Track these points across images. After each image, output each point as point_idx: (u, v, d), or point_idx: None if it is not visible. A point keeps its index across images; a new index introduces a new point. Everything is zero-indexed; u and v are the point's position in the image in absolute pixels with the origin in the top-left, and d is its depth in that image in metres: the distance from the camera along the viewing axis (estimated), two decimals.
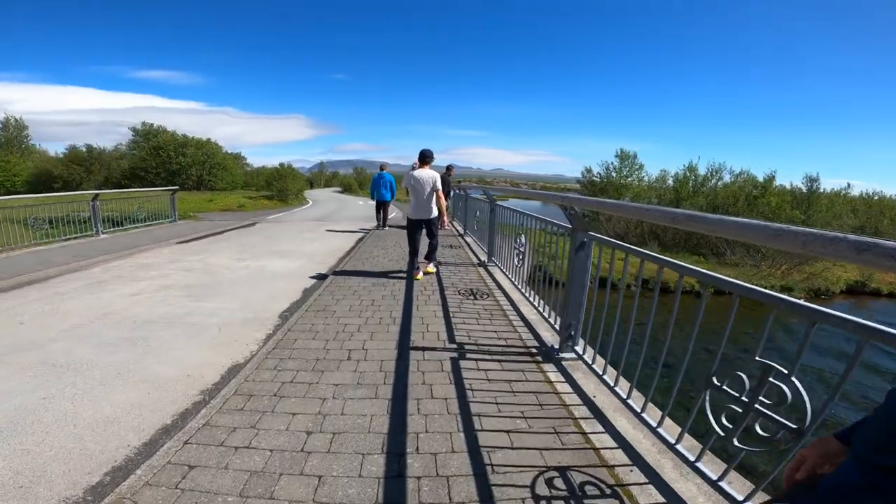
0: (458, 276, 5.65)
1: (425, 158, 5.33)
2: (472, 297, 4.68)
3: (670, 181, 21.64)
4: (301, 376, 2.74)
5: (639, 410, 2.19)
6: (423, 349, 3.21)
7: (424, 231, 5.51)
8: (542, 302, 3.91)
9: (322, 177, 79.82)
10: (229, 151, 49.53)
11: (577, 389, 2.65)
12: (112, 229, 9.69)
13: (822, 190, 22.28)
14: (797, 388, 1.37)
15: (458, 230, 10.57)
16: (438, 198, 5.34)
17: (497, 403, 2.44)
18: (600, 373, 2.62)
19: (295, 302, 4.76)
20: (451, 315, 4.04)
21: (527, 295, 4.37)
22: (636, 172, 21.63)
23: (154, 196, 11.68)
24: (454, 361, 3.01)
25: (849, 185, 21.94)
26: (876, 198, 26.42)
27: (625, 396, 2.33)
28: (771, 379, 1.43)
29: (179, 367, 3.07)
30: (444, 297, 4.62)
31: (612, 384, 2.47)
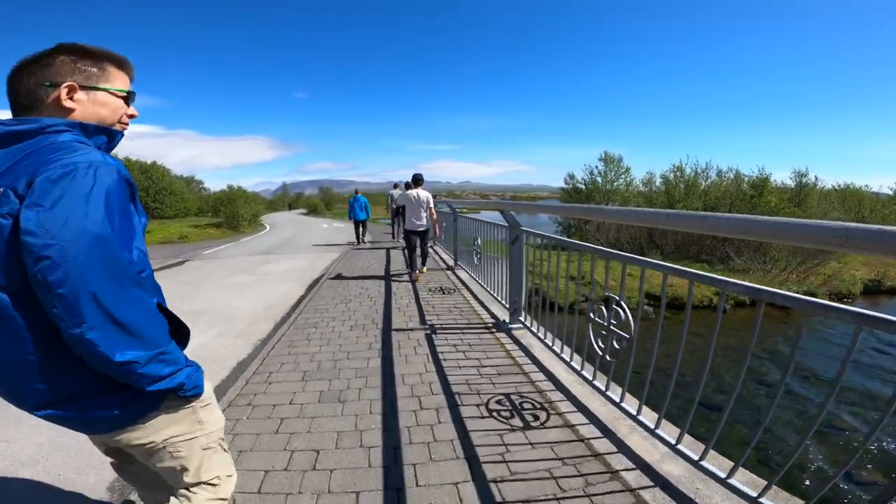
0: (428, 278, 6.86)
1: (417, 181, 6.86)
2: (441, 293, 5.82)
3: (658, 182, 21.13)
4: None
5: (559, 352, 3.30)
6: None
7: (419, 240, 6.89)
8: (498, 289, 4.92)
9: (286, 199, 78.18)
10: (183, 175, 47.68)
11: (521, 347, 3.71)
12: None
13: (812, 185, 22.17)
14: (624, 308, 2.36)
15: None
16: (431, 213, 6.82)
17: (458, 360, 3.50)
18: (538, 333, 3.68)
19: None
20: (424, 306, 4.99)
21: (483, 285, 5.60)
22: (623, 176, 21.09)
23: None
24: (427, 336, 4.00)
25: (816, 178, 21.99)
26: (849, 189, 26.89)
27: (559, 350, 3.31)
28: (614, 306, 2.42)
29: None
30: (416, 293, 5.61)
31: (546, 341, 3.51)
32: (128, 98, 1.13)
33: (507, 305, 4.30)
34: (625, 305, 2.35)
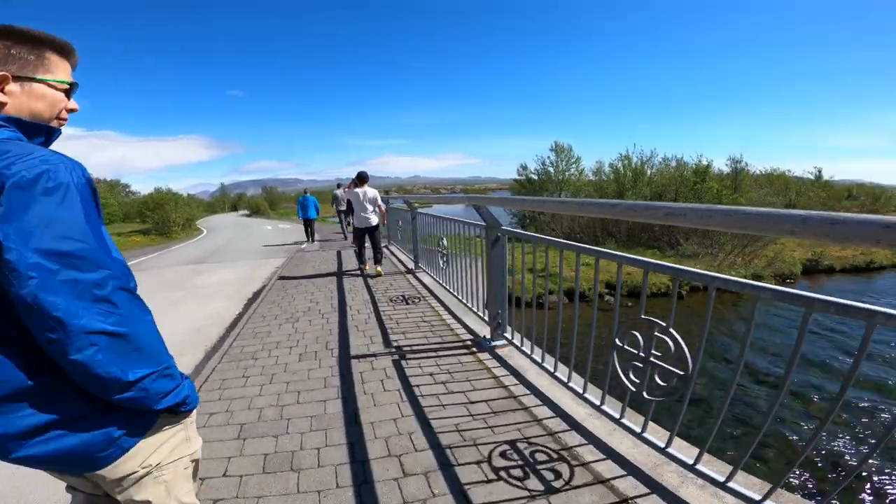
0: (387, 285, 6.03)
1: (363, 178, 6.79)
2: (404, 303, 5.05)
3: (607, 171, 21.44)
4: None
5: (567, 381, 2.61)
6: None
7: (368, 236, 6.89)
8: (471, 298, 4.29)
9: (226, 200, 73.97)
10: (107, 179, 44.02)
11: (511, 370, 3.10)
12: None
13: (746, 171, 23.39)
14: (676, 339, 1.73)
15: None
16: (380, 210, 6.89)
17: (440, 395, 2.76)
18: (530, 353, 3.04)
19: None
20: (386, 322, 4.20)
21: (453, 292, 4.88)
22: (574, 165, 21.17)
23: None
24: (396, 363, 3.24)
25: (747, 163, 23.41)
26: (776, 173, 28.90)
27: (554, 372, 2.73)
28: (656, 333, 1.83)
29: None
30: (376, 306, 4.77)
31: (541, 361, 2.88)
32: (69, 90, 1.01)
33: (486, 318, 3.70)
34: (675, 334, 1.76)
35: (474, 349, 3.52)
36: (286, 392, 2.98)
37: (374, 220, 6.72)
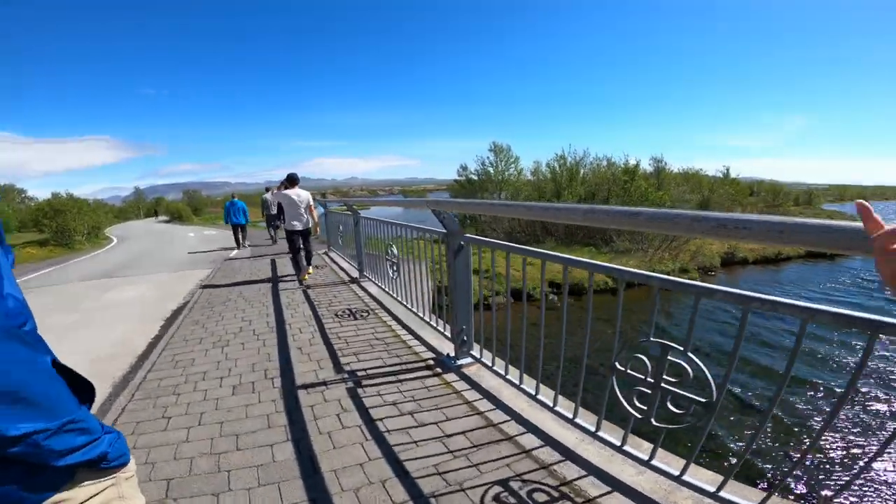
0: (330, 297, 5.58)
1: (293, 180, 6.66)
2: (352, 318, 4.60)
3: (545, 170, 21.97)
4: None
5: (553, 405, 2.35)
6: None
7: (301, 239, 6.69)
8: (427, 312, 4.05)
9: (142, 205, 67.81)
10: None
11: (485, 393, 2.77)
12: None
13: (666, 170, 24.90)
14: (697, 364, 1.54)
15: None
16: (311, 212, 6.67)
17: (409, 429, 2.37)
18: (502, 373, 2.76)
19: None
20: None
21: (409, 307, 4.37)
22: (513, 165, 21.47)
23: None
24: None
25: (666, 163, 25.20)
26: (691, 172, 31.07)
27: (533, 392, 2.48)
28: (669, 357, 1.64)
29: None
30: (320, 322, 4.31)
31: (517, 382, 2.60)
32: None
33: (448, 334, 3.40)
34: (695, 358, 1.55)
35: (438, 369, 3.16)
36: (221, 436, 2.46)
37: (307, 222, 6.65)
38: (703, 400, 1.53)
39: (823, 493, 4.56)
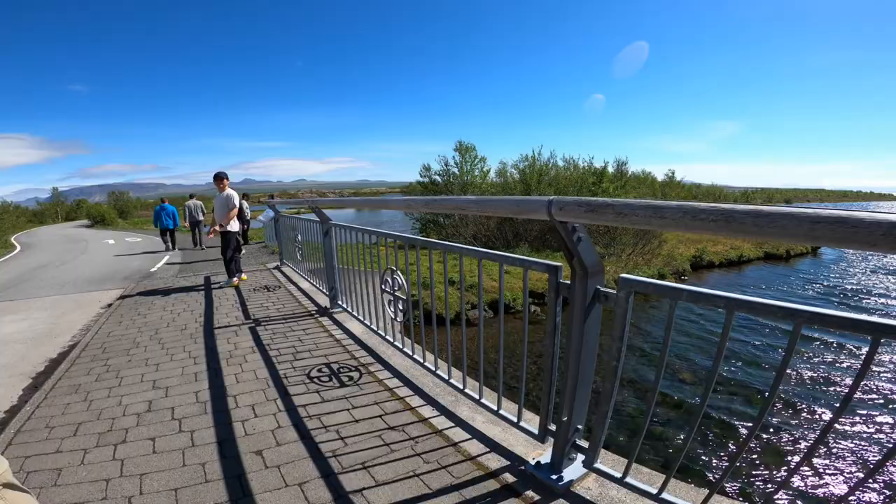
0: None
1: (221, 178, 6.31)
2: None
3: (512, 172, 20.92)
4: None
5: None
6: None
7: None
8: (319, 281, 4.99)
9: (61, 208, 60.91)
10: None
11: (341, 326, 3.91)
12: None
13: (630, 173, 24.73)
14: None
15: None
16: (230, 213, 6.27)
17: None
18: (357, 315, 3.77)
19: None
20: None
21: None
22: (478, 166, 20.18)
23: None
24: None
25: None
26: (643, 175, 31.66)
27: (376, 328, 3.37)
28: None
29: None
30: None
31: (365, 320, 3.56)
32: None
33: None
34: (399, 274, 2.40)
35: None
36: None
37: (232, 225, 6.29)
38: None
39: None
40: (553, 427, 1.88)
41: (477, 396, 2.37)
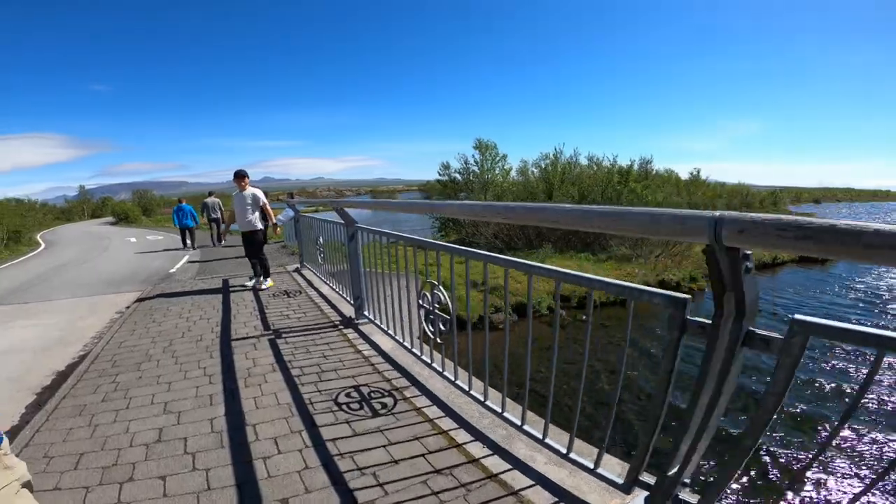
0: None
1: (241, 177, 5.97)
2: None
3: (533, 171, 20.38)
4: None
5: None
6: None
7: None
8: (344, 289, 4.59)
9: (87, 205, 62.43)
10: None
11: (368, 340, 3.56)
12: None
13: (654, 171, 23.98)
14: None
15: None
16: (267, 210, 6.08)
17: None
18: (385, 328, 3.42)
19: None
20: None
21: (332, 286, 4.98)
22: (499, 164, 19.69)
23: None
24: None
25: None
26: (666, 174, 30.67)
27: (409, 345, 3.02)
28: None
29: None
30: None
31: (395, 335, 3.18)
32: None
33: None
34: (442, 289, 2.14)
35: None
36: None
37: (257, 224, 5.97)
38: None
39: None
40: (649, 479, 1.51)
41: (540, 435, 1.98)
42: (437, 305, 2.56)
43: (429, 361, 2.87)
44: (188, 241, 13.37)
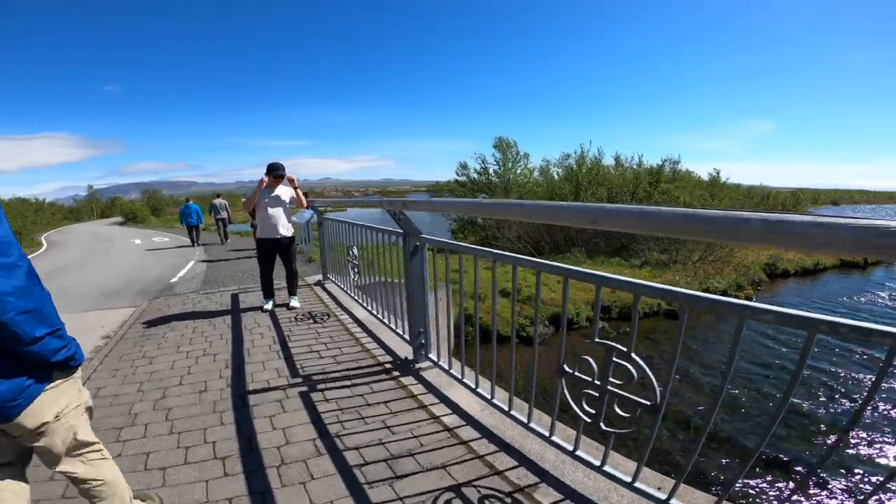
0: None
1: (275, 170, 4.95)
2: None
3: (554, 170, 19.32)
4: None
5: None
6: None
7: (278, 254, 4.95)
8: (386, 313, 3.66)
9: (96, 205, 62.64)
10: None
11: (440, 395, 2.58)
12: None
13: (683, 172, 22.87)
14: (640, 365, 1.43)
15: None
16: (300, 202, 5.09)
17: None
18: (458, 376, 2.53)
19: None
20: None
21: (370, 309, 4.00)
22: (520, 164, 18.61)
23: None
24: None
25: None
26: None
27: (489, 397, 2.27)
28: (614, 359, 1.52)
29: None
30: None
31: (473, 386, 2.37)
32: None
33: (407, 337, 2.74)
34: (638, 359, 1.42)
35: None
36: None
37: (290, 229, 4.95)
38: (647, 403, 1.39)
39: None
40: None
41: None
42: (614, 382, 1.52)
43: (567, 446, 1.79)
44: (194, 238, 14.47)
